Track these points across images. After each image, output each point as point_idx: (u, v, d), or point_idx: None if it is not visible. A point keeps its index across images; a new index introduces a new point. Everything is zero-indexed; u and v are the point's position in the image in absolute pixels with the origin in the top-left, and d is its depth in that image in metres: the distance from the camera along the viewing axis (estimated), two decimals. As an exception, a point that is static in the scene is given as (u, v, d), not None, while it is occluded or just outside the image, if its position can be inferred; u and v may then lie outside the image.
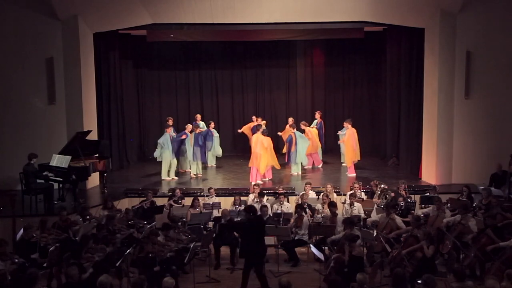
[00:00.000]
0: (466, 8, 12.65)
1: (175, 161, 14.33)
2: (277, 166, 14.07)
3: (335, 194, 11.97)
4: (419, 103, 13.93)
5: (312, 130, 15.19)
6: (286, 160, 15.03)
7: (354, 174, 14.17)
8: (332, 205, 10.53)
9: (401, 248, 8.85)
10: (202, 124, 15.52)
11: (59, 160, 11.73)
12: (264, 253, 8.79)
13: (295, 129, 14.67)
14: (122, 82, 15.98)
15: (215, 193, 12.03)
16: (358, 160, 14.58)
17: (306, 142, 14.55)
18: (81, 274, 7.62)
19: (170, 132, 14.37)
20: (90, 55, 13.66)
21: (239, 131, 16.41)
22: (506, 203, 10.63)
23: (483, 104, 13.03)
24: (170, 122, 14.76)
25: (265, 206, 10.85)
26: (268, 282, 8.57)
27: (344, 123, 14.94)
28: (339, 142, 15.53)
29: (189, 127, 14.61)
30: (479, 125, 13.08)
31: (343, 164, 15.44)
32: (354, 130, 14.45)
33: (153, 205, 11.47)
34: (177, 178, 14.30)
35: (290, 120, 15.36)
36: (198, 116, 15.84)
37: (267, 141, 13.65)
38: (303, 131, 14.92)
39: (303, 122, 15.36)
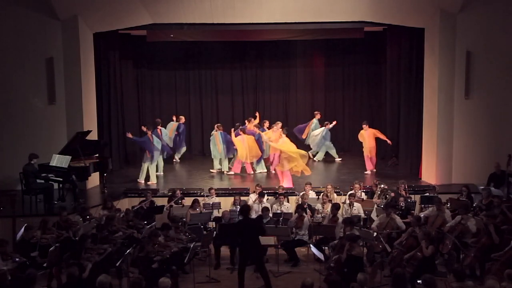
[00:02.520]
0: (466, 8, 12.65)
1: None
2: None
3: (335, 194, 11.97)
4: (419, 103, 13.93)
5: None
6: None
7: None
8: (336, 207, 10.50)
9: (401, 248, 8.85)
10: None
11: (59, 160, 11.73)
12: (259, 253, 8.77)
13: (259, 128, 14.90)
14: (122, 82, 15.96)
15: (215, 193, 12.04)
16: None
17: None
18: (81, 274, 7.63)
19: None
20: (90, 55, 13.65)
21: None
22: (506, 203, 10.61)
23: (483, 104, 13.03)
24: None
25: (267, 208, 10.84)
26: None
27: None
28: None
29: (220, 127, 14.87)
30: (479, 125, 13.08)
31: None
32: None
33: (153, 205, 11.47)
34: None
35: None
36: (182, 118, 15.89)
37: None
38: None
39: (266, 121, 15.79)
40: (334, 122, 15.81)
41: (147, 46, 16.49)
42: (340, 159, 16.09)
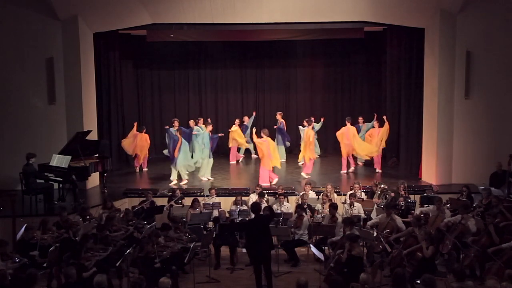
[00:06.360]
0: (466, 8, 12.66)
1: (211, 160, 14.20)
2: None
3: (335, 194, 11.97)
4: (419, 103, 13.94)
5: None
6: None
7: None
8: (334, 207, 10.50)
9: (401, 248, 8.85)
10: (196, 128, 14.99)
11: (59, 160, 11.73)
12: (270, 250, 8.76)
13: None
14: (122, 82, 15.99)
15: (216, 193, 12.03)
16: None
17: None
18: (81, 273, 7.62)
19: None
20: (90, 55, 13.66)
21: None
22: (506, 203, 10.62)
23: (483, 104, 13.04)
24: (176, 124, 14.62)
25: (270, 207, 10.78)
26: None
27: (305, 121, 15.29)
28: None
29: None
30: (479, 125, 13.09)
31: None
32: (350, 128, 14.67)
33: (153, 205, 11.47)
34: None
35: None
36: (192, 122, 15.56)
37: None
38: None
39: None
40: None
41: (147, 46, 16.51)
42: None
